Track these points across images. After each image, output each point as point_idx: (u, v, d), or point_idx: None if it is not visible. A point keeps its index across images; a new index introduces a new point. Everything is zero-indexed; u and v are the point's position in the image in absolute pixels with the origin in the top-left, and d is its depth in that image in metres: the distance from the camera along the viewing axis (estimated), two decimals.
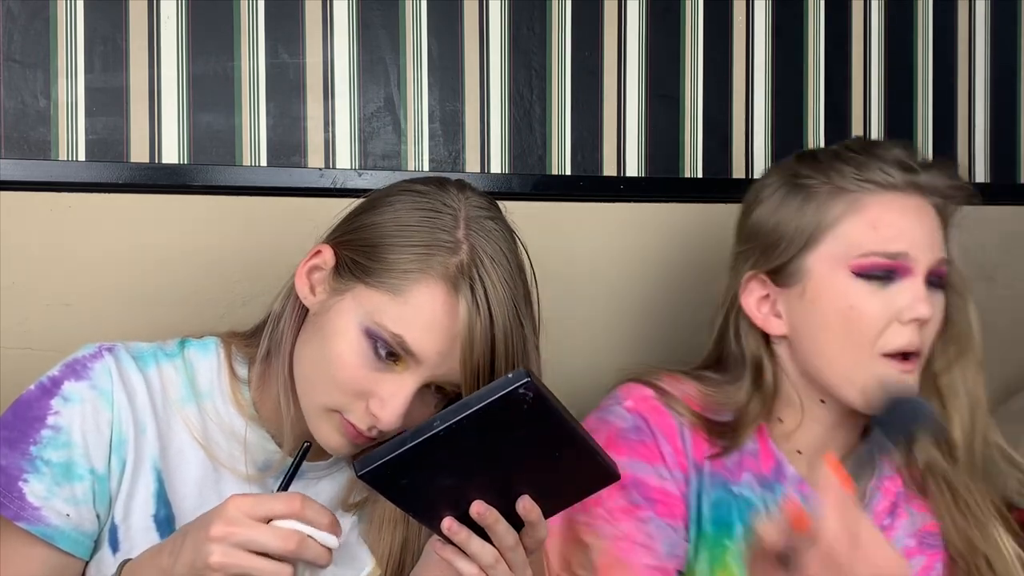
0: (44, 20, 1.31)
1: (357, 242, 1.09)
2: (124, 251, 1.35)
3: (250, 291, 1.37)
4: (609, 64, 1.59)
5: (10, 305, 1.30)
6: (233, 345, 1.16)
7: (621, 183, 1.60)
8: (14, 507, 1.04)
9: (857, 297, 1.22)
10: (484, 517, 0.96)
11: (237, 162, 1.40)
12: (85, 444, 1.06)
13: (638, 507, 1.22)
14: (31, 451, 1.05)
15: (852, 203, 1.23)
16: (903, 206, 1.23)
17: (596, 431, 1.22)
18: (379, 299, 1.05)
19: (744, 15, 1.67)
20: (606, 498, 1.20)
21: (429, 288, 1.04)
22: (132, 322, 1.34)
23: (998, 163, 1.87)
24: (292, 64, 1.42)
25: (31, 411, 1.07)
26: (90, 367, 1.09)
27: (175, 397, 1.12)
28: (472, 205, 1.09)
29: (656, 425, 1.25)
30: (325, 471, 1.18)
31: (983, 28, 1.85)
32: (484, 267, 1.04)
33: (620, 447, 1.23)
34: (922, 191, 1.24)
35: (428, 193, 1.10)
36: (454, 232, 1.06)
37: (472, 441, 0.92)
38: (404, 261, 1.05)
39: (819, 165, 1.27)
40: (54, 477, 1.05)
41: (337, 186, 1.43)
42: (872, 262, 1.22)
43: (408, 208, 1.09)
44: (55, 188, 1.32)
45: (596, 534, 1.20)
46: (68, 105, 1.32)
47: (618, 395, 1.28)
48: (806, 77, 1.72)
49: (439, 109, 1.49)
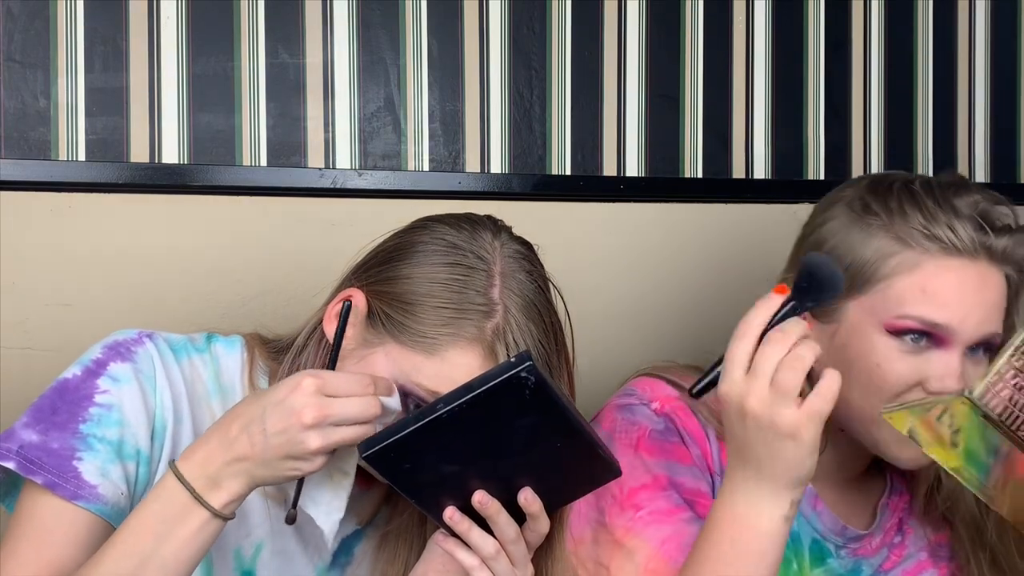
0: (44, 20, 1.31)
1: (389, 296, 1.07)
2: (124, 251, 1.35)
3: (250, 291, 1.37)
4: (609, 64, 1.59)
5: (10, 305, 1.30)
6: (257, 352, 1.15)
7: (621, 183, 1.60)
8: (71, 486, 1.02)
9: (885, 357, 1.14)
10: (486, 507, 0.97)
11: (237, 162, 1.40)
12: (136, 423, 1.05)
13: (681, 508, 1.17)
14: (81, 429, 1.04)
15: (909, 261, 1.14)
16: (963, 275, 1.14)
17: (626, 432, 1.21)
18: (413, 359, 1.03)
19: (744, 15, 1.67)
20: (648, 500, 1.16)
21: (463, 350, 1.03)
22: (132, 322, 1.34)
23: (998, 163, 1.86)
24: (292, 64, 1.42)
25: (78, 392, 1.05)
26: (134, 351, 1.08)
27: (202, 391, 1.12)
28: (506, 256, 1.07)
29: (684, 427, 1.21)
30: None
31: (983, 28, 1.85)
32: (520, 327, 1.04)
33: (655, 449, 1.19)
34: (992, 257, 1.14)
35: (460, 246, 1.08)
36: (488, 293, 1.04)
37: (475, 425, 0.93)
38: (438, 322, 1.04)
39: (888, 200, 1.17)
40: (108, 454, 1.04)
41: (337, 186, 1.43)
42: (907, 325, 1.14)
43: (440, 263, 1.06)
44: (55, 188, 1.32)
45: (640, 537, 1.15)
46: (68, 105, 1.32)
47: (639, 393, 1.23)
48: (806, 77, 1.72)
49: (439, 109, 1.49)
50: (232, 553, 1.12)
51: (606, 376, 1.37)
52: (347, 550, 1.18)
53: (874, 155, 1.76)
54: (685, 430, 1.21)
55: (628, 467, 1.15)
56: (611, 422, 1.23)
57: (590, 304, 1.59)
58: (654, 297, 1.61)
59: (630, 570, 1.14)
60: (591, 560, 1.17)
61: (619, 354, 1.56)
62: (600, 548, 1.17)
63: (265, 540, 1.13)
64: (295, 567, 1.15)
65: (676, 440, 1.20)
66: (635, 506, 1.16)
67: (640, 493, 1.17)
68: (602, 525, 1.17)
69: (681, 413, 1.21)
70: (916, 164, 1.80)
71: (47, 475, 1.02)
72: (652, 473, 1.18)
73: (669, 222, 1.61)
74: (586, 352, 1.37)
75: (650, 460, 1.19)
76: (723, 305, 1.47)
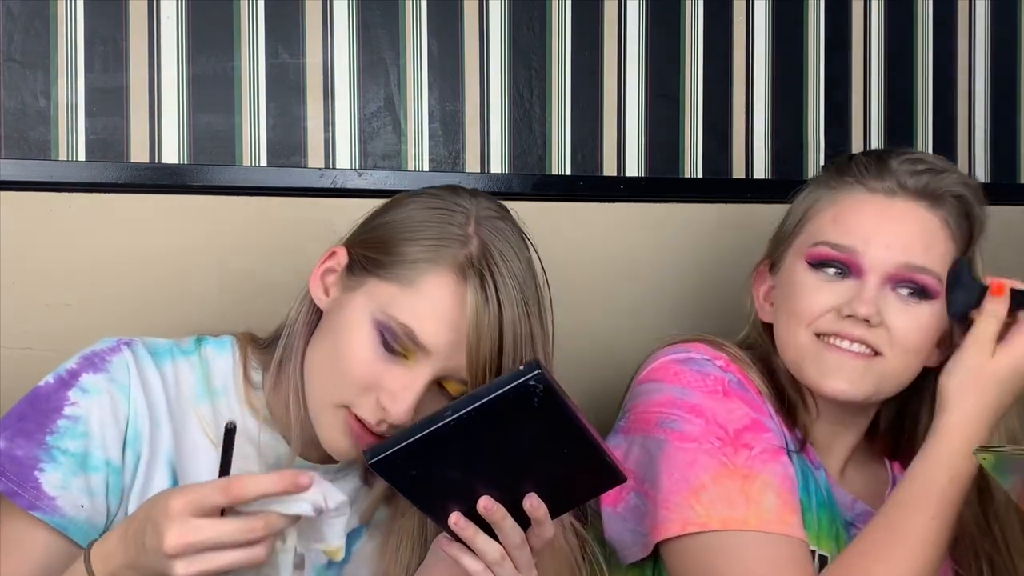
0: (44, 20, 1.31)
1: (370, 241, 1.11)
2: (124, 251, 1.35)
3: (250, 291, 1.37)
4: (609, 64, 1.59)
5: (10, 305, 1.30)
6: (249, 349, 1.17)
7: (621, 183, 1.60)
8: (29, 496, 1.03)
9: (802, 286, 1.24)
10: (491, 513, 0.96)
11: (237, 162, 1.40)
12: (102, 435, 1.06)
13: (781, 449, 1.22)
14: (47, 441, 1.05)
15: (828, 198, 1.27)
16: (876, 206, 1.24)
17: (704, 381, 1.23)
18: (390, 291, 1.06)
19: (744, 15, 1.67)
20: (755, 440, 1.19)
21: (438, 278, 1.05)
22: (132, 322, 1.34)
23: (998, 163, 1.86)
24: (292, 64, 1.42)
25: (48, 402, 1.06)
26: (108, 360, 1.09)
27: (189, 394, 1.13)
28: (483, 207, 1.11)
29: (748, 384, 1.25)
30: (334, 474, 1.17)
31: (983, 28, 1.85)
32: (494, 260, 1.06)
33: (741, 397, 1.23)
34: (908, 193, 1.23)
35: (441, 195, 1.12)
36: (465, 228, 1.08)
37: (482, 433, 0.92)
38: (415, 253, 1.06)
39: (835, 165, 1.30)
40: (70, 467, 1.05)
41: (337, 186, 1.43)
42: (820, 252, 1.23)
43: (420, 207, 1.11)
44: (55, 188, 1.32)
45: (764, 473, 1.18)
46: (68, 105, 1.32)
47: (694, 350, 1.26)
48: (806, 77, 1.72)
49: (439, 109, 1.49)
50: None
51: (606, 376, 1.37)
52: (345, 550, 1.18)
53: None
54: (749, 387, 1.25)
55: (725, 410, 1.21)
56: (677, 375, 1.24)
57: (590, 304, 1.59)
58: (654, 297, 1.61)
59: (770, 498, 1.17)
60: (721, 500, 1.17)
61: (619, 354, 1.56)
62: (730, 484, 1.18)
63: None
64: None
65: (751, 395, 1.24)
66: (746, 445, 1.19)
67: (745, 434, 1.20)
68: (723, 465, 1.18)
69: (741, 375, 1.25)
70: None
71: (7, 482, 1.04)
72: (750, 416, 1.22)
73: (669, 222, 1.61)
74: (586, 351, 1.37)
75: (744, 405, 1.22)
76: (723, 305, 1.47)
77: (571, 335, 1.54)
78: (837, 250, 1.22)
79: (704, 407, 1.20)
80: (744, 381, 1.25)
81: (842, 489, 1.29)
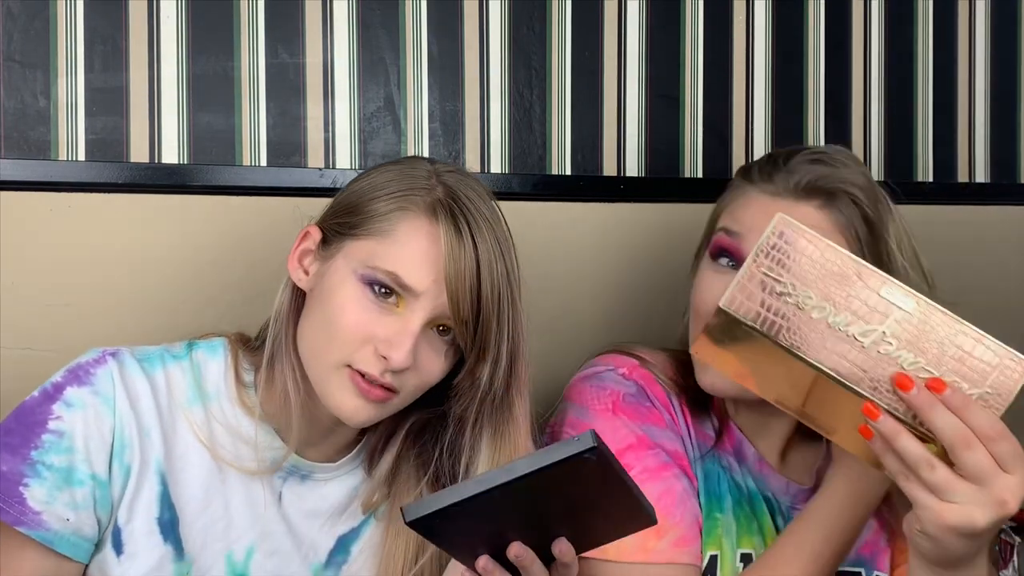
0: (44, 20, 1.31)
1: (339, 210, 1.14)
2: (124, 251, 1.35)
3: (250, 291, 1.37)
4: (609, 64, 1.59)
5: (10, 305, 1.30)
6: (240, 351, 1.17)
7: (621, 183, 1.60)
8: (14, 511, 1.04)
9: (702, 279, 1.26)
10: (522, 559, 0.96)
11: (237, 162, 1.40)
12: (87, 449, 1.06)
13: (668, 465, 1.22)
14: (32, 456, 1.05)
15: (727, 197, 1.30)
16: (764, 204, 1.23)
17: (599, 397, 1.24)
18: (368, 246, 1.09)
19: (744, 15, 1.67)
20: (636, 460, 1.20)
21: (411, 222, 1.08)
22: (132, 322, 1.34)
23: (998, 163, 1.86)
24: (292, 64, 1.42)
25: (33, 416, 1.07)
26: (92, 372, 1.09)
27: (181, 399, 1.13)
28: (443, 166, 1.15)
29: (651, 392, 1.27)
30: (333, 473, 1.18)
31: (983, 28, 1.85)
32: (461, 201, 1.10)
33: (630, 411, 1.24)
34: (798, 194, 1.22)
35: (400, 161, 1.18)
36: (429, 179, 1.12)
37: (525, 495, 0.91)
38: (384, 206, 1.10)
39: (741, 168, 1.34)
40: (55, 482, 1.05)
41: (337, 186, 1.43)
42: (719, 239, 1.25)
43: (384, 173, 1.14)
44: (55, 188, 1.32)
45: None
46: (68, 105, 1.32)
47: (603, 363, 1.29)
48: (806, 77, 1.72)
49: (439, 109, 1.49)
50: (224, 557, 1.12)
51: None
52: (344, 549, 1.18)
53: (874, 155, 1.76)
54: (653, 395, 1.26)
55: (610, 429, 1.21)
56: (581, 393, 1.27)
57: (589, 304, 1.59)
58: (653, 297, 1.61)
59: None
60: None
61: None
62: None
63: (256, 542, 1.13)
64: (290, 567, 1.15)
65: (648, 404, 1.26)
66: (626, 467, 1.17)
67: (627, 453, 1.21)
68: None
69: (645, 379, 1.27)
70: (916, 164, 1.80)
71: None
72: (635, 434, 1.22)
73: (669, 222, 1.61)
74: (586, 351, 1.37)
75: (630, 422, 1.23)
76: None
77: (570, 335, 1.54)
78: (730, 236, 1.24)
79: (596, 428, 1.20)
80: (646, 387, 1.26)
81: (777, 475, 1.29)
